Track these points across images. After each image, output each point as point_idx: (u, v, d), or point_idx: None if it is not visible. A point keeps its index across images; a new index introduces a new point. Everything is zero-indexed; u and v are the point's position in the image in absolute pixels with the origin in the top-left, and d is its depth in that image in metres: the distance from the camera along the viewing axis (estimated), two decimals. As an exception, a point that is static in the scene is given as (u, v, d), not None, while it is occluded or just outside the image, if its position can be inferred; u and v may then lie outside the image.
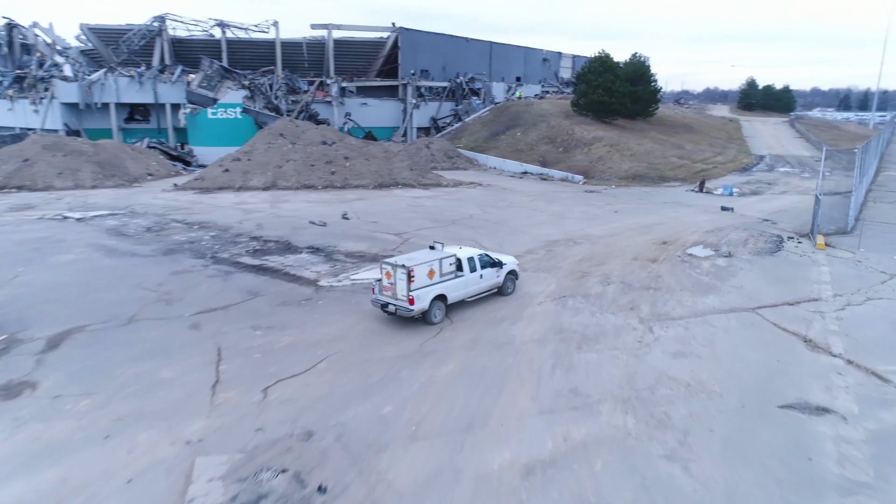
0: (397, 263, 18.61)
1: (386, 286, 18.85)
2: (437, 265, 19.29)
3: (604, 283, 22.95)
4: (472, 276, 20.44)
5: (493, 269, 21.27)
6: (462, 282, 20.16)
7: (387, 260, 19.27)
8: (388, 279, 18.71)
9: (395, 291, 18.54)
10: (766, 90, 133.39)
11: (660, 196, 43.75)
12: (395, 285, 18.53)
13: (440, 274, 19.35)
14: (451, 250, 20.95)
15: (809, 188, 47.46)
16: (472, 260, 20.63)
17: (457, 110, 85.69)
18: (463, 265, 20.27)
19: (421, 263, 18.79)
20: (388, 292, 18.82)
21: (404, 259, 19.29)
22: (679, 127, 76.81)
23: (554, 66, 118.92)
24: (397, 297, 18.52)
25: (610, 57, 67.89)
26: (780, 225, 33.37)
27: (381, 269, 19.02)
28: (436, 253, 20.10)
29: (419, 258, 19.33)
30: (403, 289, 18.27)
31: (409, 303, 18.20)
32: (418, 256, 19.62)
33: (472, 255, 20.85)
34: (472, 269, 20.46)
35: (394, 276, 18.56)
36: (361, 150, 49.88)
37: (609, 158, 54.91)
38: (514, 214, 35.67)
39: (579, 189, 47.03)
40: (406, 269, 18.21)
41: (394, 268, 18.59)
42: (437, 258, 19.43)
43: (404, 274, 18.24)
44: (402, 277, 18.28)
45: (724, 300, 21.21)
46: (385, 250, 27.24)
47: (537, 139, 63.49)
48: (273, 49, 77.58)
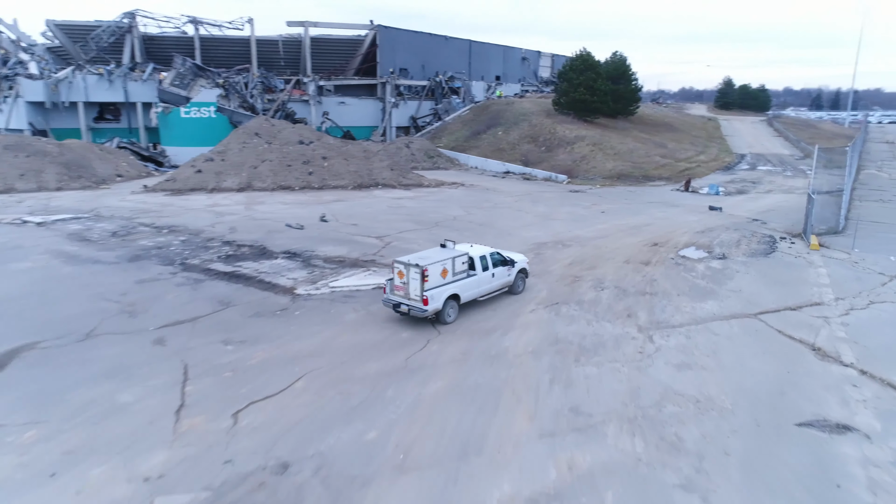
0: (410, 262, 17.95)
1: (398, 286, 18.22)
2: (450, 264, 18.71)
3: (597, 289, 21.78)
4: (484, 274, 19.88)
5: (505, 267, 20.74)
6: (475, 281, 19.56)
7: (399, 259, 18.50)
8: (401, 279, 18.08)
9: (408, 291, 17.94)
10: (743, 89, 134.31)
11: (646, 195, 42.84)
12: (408, 285, 17.92)
13: (453, 273, 18.79)
14: (463, 248, 20.36)
15: (794, 187, 47.05)
16: (485, 258, 20.08)
17: (436, 109, 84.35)
18: (475, 264, 19.74)
19: (434, 262, 18.17)
20: (400, 292, 18.20)
21: (417, 258, 18.55)
22: (660, 126, 76.29)
23: (533, 66, 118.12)
24: (410, 296, 17.92)
25: (591, 55, 67.09)
26: (770, 225, 32.55)
27: (393, 269, 18.36)
28: (448, 251, 19.49)
29: (432, 257, 18.65)
30: (417, 288, 17.70)
31: (424, 303, 17.61)
32: (431, 255, 18.92)
33: (485, 254, 20.27)
34: (484, 268, 19.93)
35: (406, 275, 17.93)
36: (340, 150, 48.29)
37: (592, 158, 53.96)
38: (499, 216, 34.43)
39: (564, 189, 45.96)
40: (420, 268, 17.62)
41: (406, 267, 17.94)
42: (450, 257, 18.80)
43: (418, 273, 17.65)
44: (416, 277, 17.70)
45: (724, 305, 20.15)
46: (365, 255, 25.82)
47: (519, 138, 62.38)
48: (248, 47, 75.56)
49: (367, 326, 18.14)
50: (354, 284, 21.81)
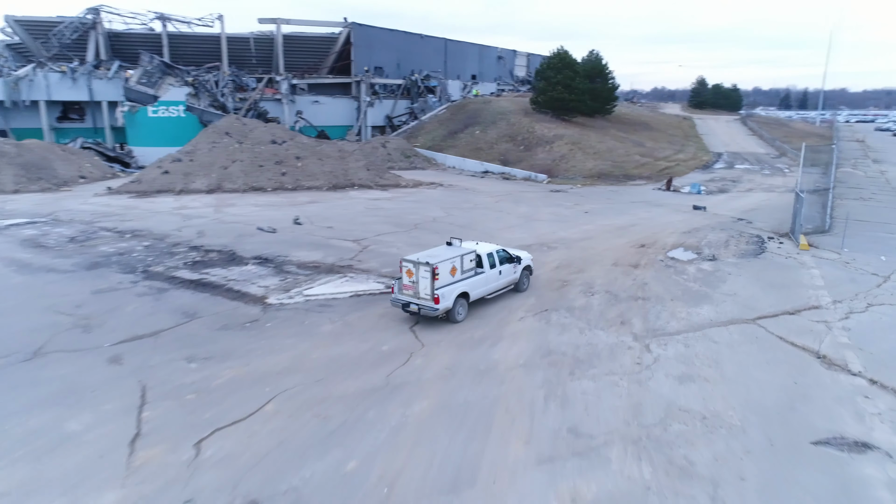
0: (420, 261, 17.61)
1: (406, 285, 17.87)
2: (459, 262, 18.43)
3: (587, 294, 20.68)
4: (491, 272, 19.61)
5: (511, 264, 20.52)
6: (483, 278, 19.25)
7: (407, 258, 18.10)
8: (410, 277, 17.74)
9: (418, 290, 17.59)
10: (716, 89, 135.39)
11: (628, 195, 42.02)
12: (418, 284, 17.57)
13: (461, 271, 18.51)
14: (470, 246, 19.92)
15: (774, 185, 46.68)
16: (492, 256, 19.81)
17: (413, 108, 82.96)
18: (483, 261, 19.40)
19: (444, 260, 17.87)
20: (409, 291, 17.85)
21: (426, 256, 18.15)
22: (637, 125, 75.89)
23: (509, 65, 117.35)
24: (420, 295, 17.58)
25: (568, 53, 66.31)
26: (756, 224, 31.85)
27: (402, 268, 17.98)
28: (456, 249, 19.17)
29: (441, 255, 18.28)
30: (427, 287, 17.35)
31: (434, 302, 17.28)
32: (440, 253, 18.57)
33: (492, 251, 19.99)
34: (491, 266, 19.65)
35: (416, 274, 17.59)
36: (314, 150, 46.67)
37: (572, 157, 53.09)
38: (480, 217, 33.22)
39: (544, 188, 44.96)
40: (430, 266, 17.29)
41: (416, 265, 17.60)
42: (459, 255, 18.50)
43: (428, 272, 17.31)
44: (426, 275, 17.35)
45: (720, 310, 19.18)
46: (342, 259, 24.41)
47: (497, 137, 61.30)
48: (218, 44, 73.40)
49: (345, 339, 16.77)
50: (330, 292, 20.41)
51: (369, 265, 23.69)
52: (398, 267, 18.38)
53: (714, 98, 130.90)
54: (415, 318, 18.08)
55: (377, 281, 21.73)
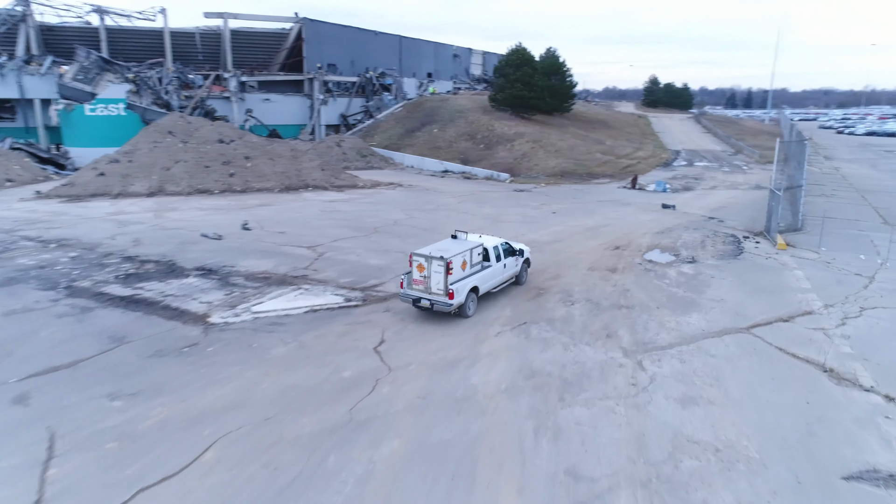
0: (433, 255, 17.09)
1: (417, 280, 17.39)
2: (469, 256, 17.98)
3: (566, 303, 18.89)
4: (497, 265, 19.24)
5: (513, 257, 20.22)
6: (490, 272, 18.86)
7: (418, 252, 17.57)
8: (421, 272, 17.26)
9: (430, 285, 17.14)
10: (668, 88, 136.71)
11: (593, 194, 40.64)
12: (430, 279, 17.11)
13: (471, 265, 18.09)
14: (476, 239, 19.37)
15: (737, 182, 46.11)
16: (497, 249, 19.49)
17: (368, 106, 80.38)
18: (490, 255, 19.07)
19: (457, 254, 17.36)
20: (419, 286, 17.37)
21: (438, 250, 17.56)
22: (595, 123, 75.18)
23: (464, 63, 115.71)
24: (432, 290, 17.13)
25: (527, 50, 64.90)
26: (728, 223, 30.77)
27: (412, 262, 17.47)
28: (466, 243, 18.61)
29: (452, 249, 17.71)
30: (440, 282, 16.93)
31: (449, 297, 16.86)
32: (450, 247, 17.98)
33: (497, 244, 19.64)
34: (497, 259, 19.31)
35: (428, 268, 17.10)
36: (265, 149, 43.83)
37: (534, 155, 51.57)
38: (444, 219, 31.19)
39: (508, 188, 43.23)
40: (445, 260, 16.81)
41: (428, 260, 17.09)
42: (469, 248, 18.03)
43: (442, 266, 16.84)
44: (439, 270, 16.89)
45: (711, 319, 17.65)
46: (295, 269, 22.04)
47: (456, 136, 59.41)
48: (161, 39, 69.46)
49: (300, 364, 14.52)
50: (283, 308, 18.06)
51: (326, 275, 21.41)
52: (408, 261, 17.86)
53: (666, 97, 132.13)
54: (379, 340, 15.94)
55: (335, 293, 19.48)
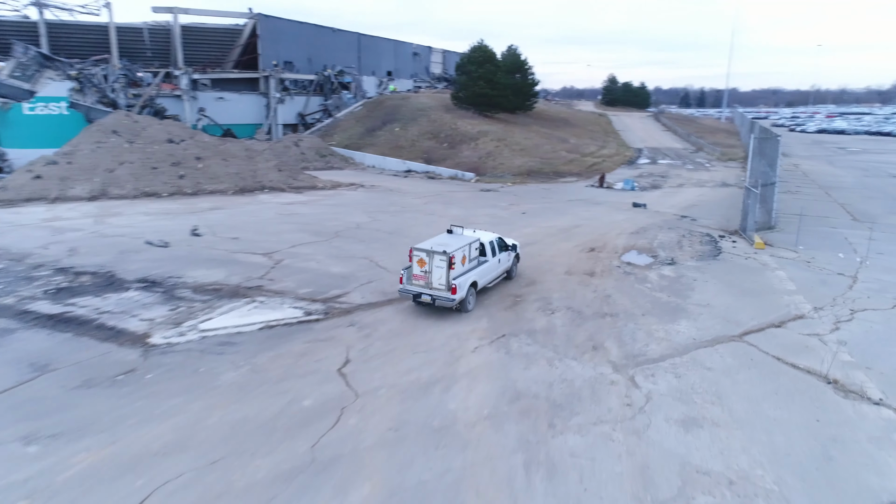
0: (435, 250, 16.88)
1: (417, 275, 17.15)
2: (468, 250, 17.78)
3: (546, 311, 17.47)
4: (493, 260, 19.09)
5: (507, 252, 20.14)
6: (487, 267, 18.68)
7: (419, 246, 17.32)
8: (421, 267, 17.03)
9: (431, 280, 16.94)
10: (626, 87, 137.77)
11: (562, 193, 39.46)
12: (431, 273, 16.91)
13: (469, 260, 17.84)
14: (471, 234, 19.20)
15: (703, 180, 45.65)
16: (493, 244, 19.38)
17: (326, 105, 78.07)
18: (486, 250, 18.96)
19: (458, 249, 17.13)
20: (420, 281, 17.14)
21: (439, 245, 17.27)
22: (558, 121, 74.45)
23: (425, 61, 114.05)
24: (433, 286, 16.93)
25: (489, 47, 63.62)
26: (701, 222, 29.90)
27: (412, 257, 17.22)
28: (464, 238, 18.36)
29: (452, 243, 17.40)
30: (442, 277, 16.75)
31: (452, 292, 16.65)
32: (449, 242, 17.66)
33: (492, 239, 19.55)
34: (493, 254, 19.18)
35: (429, 263, 16.89)
36: (218, 149, 41.36)
37: (499, 154, 50.24)
38: (410, 221, 29.48)
39: (474, 188, 41.73)
40: (447, 255, 16.62)
41: (430, 254, 16.87)
42: (467, 243, 17.80)
43: (444, 261, 16.66)
44: (441, 265, 16.72)
45: (700, 326, 16.46)
46: (249, 279, 20.08)
47: (419, 135, 57.71)
48: (107, 34, 65.78)
49: (254, 391, 12.69)
50: (235, 324, 16.14)
51: (284, 285, 19.51)
52: (407, 256, 17.64)
53: (625, 95, 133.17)
54: (344, 360, 14.19)
55: (294, 306, 17.63)
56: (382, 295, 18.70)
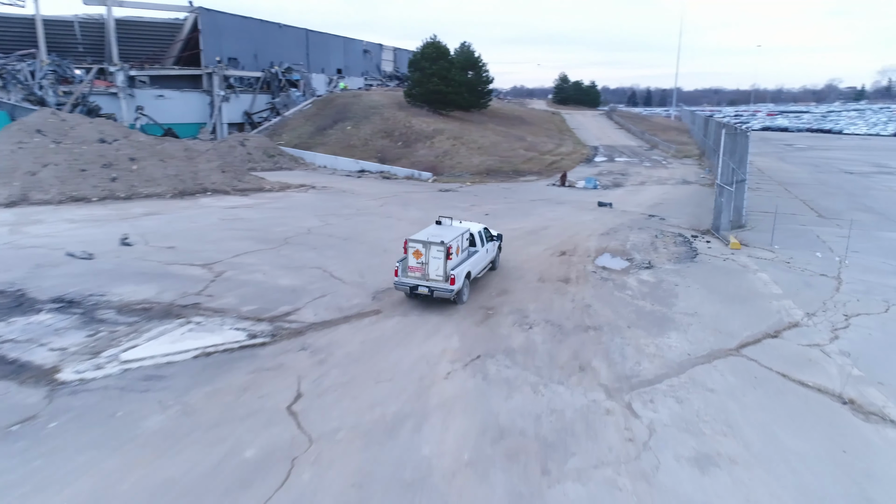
0: (431, 241, 16.51)
1: (413, 266, 16.70)
2: (461, 241, 17.47)
3: (523, 326, 15.63)
4: (482, 250, 18.92)
5: (492, 242, 20.02)
6: (478, 257, 18.46)
7: (414, 237, 16.90)
8: (417, 259, 16.61)
9: (427, 272, 16.56)
10: (577, 86, 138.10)
11: (523, 192, 37.81)
12: (428, 265, 16.53)
13: (461, 250, 17.54)
14: (461, 225, 18.97)
15: (663, 178, 44.81)
16: (481, 234, 19.22)
17: (274, 103, 74.75)
18: (475, 240, 18.72)
19: (453, 239, 16.82)
20: (416, 273, 16.71)
21: (434, 235, 16.92)
22: (513, 119, 73.14)
23: (375, 59, 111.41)
24: (430, 277, 16.55)
25: (442, 43, 61.72)
26: (671, 221, 28.67)
27: (407, 249, 16.79)
28: (457, 228, 18.20)
29: (445, 234, 17.07)
30: (440, 268, 16.40)
31: (450, 282, 16.32)
32: (443, 233, 17.31)
33: (479, 230, 19.34)
34: (481, 243, 18.99)
35: (426, 254, 16.52)
36: (154, 150, 38.10)
37: (456, 152, 48.37)
38: (365, 225, 27.25)
39: (432, 188, 39.69)
40: (445, 245, 16.30)
41: (426, 245, 16.49)
42: (460, 233, 17.50)
43: (442, 251, 16.34)
44: (439, 255, 16.38)
45: (692, 339, 14.89)
46: (185, 295, 17.57)
47: (372, 133, 55.35)
48: (33, 28, 61.08)
49: (183, 440, 10.36)
50: (164, 352, 13.68)
51: (225, 301, 17.10)
52: (403, 248, 17.33)
53: (576, 94, 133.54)
54: (294, 394, 11.96)
55: (236, 327, 15.27)
56: (338, 311, 16.50)
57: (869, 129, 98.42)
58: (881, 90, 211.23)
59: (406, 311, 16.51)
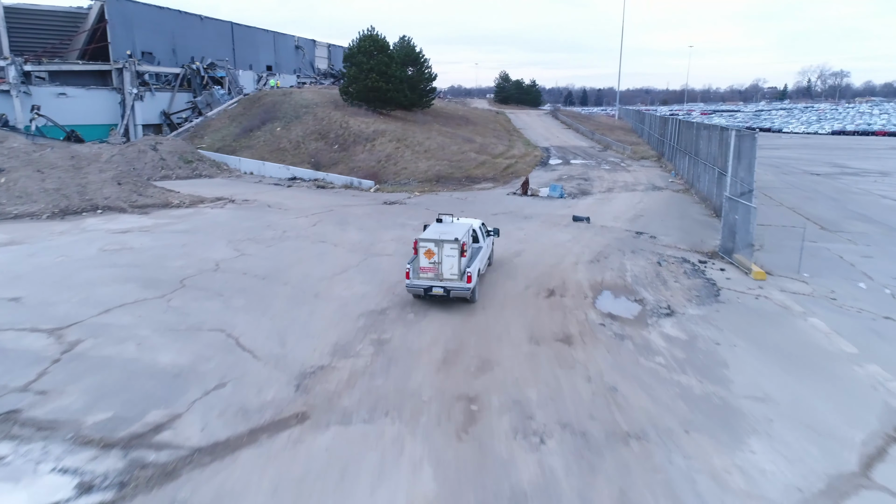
0: (443, 238, 15.38)
1: (426, 267, 15.52)
2: (468, 237, 16.31)
3: (528, 437, 10.03)
4: (485, 246, 17.94)
5: (490, 238, 19.15)
6: (482, 254, 17.36)
7: (424, 237, 15.71)
8: (430, 259, 15.43)
9: (441, 271, 15.45)
10: (517, 85, 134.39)
11: (481, 203, 32.26)
12: (441, 264, 15.40)
13: (469, 246, 16.32)
14: (463, 222, 17.84)
15: (629, 183, 40.27)
16: (482, 229, 18.33)
17: (195, 102, 66.90)
18: (478, 235, 17.81)
19: (463, 235, 15.74)
20: (429, 273, 15.55)
21: (444, 233, 15.81)
22: (458, 119, 67.74)
23: (309, 56, 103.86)
24: (444, 276, 15.46)
25: (381, 36, 55.60)
26: (662, 240, 23.77)
27: (418, 249, 15.55)
28: (462, 225, 17.14)
29: (456, 231, 16.01)
30: (454, 266, 15.35)
31: (467, 280, 15.37)
32: (451, 230, 16.23)
33: (479, 225, 18.29)
34: (482, 238, 18.07)
35: (439, 253, 15.36)
36: (31, 158, 30.54)
37: (400, 157, 42.45)
38: (292, 254, 21.05)
39: (374, 199, 33.61)
40: (459, 242, 15.26)
41: (438, 244, 15.36)
42: (465, 230, 16.31)
43: (455, 249, 15.29)
44: (452, 253, 15.32)
45: (787, 453, 9.63)
46: (5, 387, 11.18)
47: (304, 135, 48.76)
48: None
49: None
50: None
51: (63, 403, 10.80)
52: (412, 249, 16.07)
53: (517, 93, 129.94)
54: None
55: (62, 467, 8.96)
56: (241, 418, 10.47)
57: (806, 127, 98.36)
58: (802, 90, 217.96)
59: (347, 413, 10.65)
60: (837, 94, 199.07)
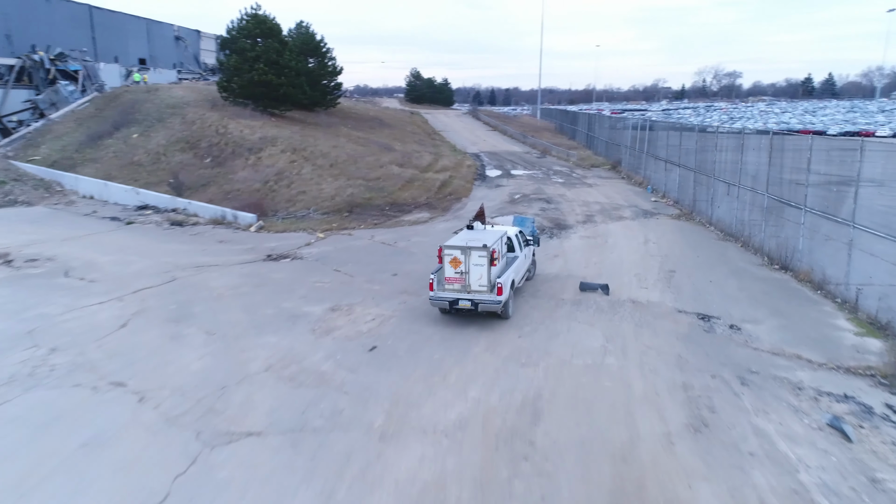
0: (471, 245, 13.28)
1: (451, 277, 13.52)
2: (500, 245, 14.10)
3: None
4: (521, 255, 15.52)
5: (529, 247, 16.65)
6: (518, 264, 15.05)
7: (450, 244, 13.57)
8: (456, 268, 13.42)
9: (469, 282, 13.44)
10: (430, 83, 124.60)
11: (421, 254, 20.65)
12: (469, 274, 13.40)
13: (502, 256, 14.30)
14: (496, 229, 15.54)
15: (605, 206, 30.05)
16: (518, 237, 15.80)
17: (36, 101, 51.44)
18: (513, 244, 15.36)
19: (494, 243, 13.54)
20: (455, 284, 13.52)
21: (472, 240, 13.56)
22: (370, 121, 55.88)
23: (193, 48, 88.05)
24: (472, 288, 13.41)
25: (272, 17, 42.82)
26: (756, 336, 13.42)
27: (443, 258, 13.57)
28: (491, 232, 14.67)
29: (486, 238, 13.72)
30: (483, 276, 13.27)
31: (497, 292, 13.23)
32: (481, 237, 13.91)
33: (516, 232, 15.85)
34: (520, 248, 15.61)
35: (466, 262, 13.35)
36: None
37: (296, 174, 30.26)
38: (43, 448, 8.98)
39: (253, 247, 21.36)
40: (488, 249, 13.18)
41: (465, 251, 13.31)
42: (498, 237, 14.05)
43: (484, 257, 13.20)
44: (481, 262, 13.25)
45: None
46: None
47: (167, 144, 35.46)
48: None
49: None
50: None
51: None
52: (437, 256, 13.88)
53: (430, 92, 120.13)
54: None
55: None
56: None
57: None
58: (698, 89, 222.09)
59: None
60: (733, 94, 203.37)
